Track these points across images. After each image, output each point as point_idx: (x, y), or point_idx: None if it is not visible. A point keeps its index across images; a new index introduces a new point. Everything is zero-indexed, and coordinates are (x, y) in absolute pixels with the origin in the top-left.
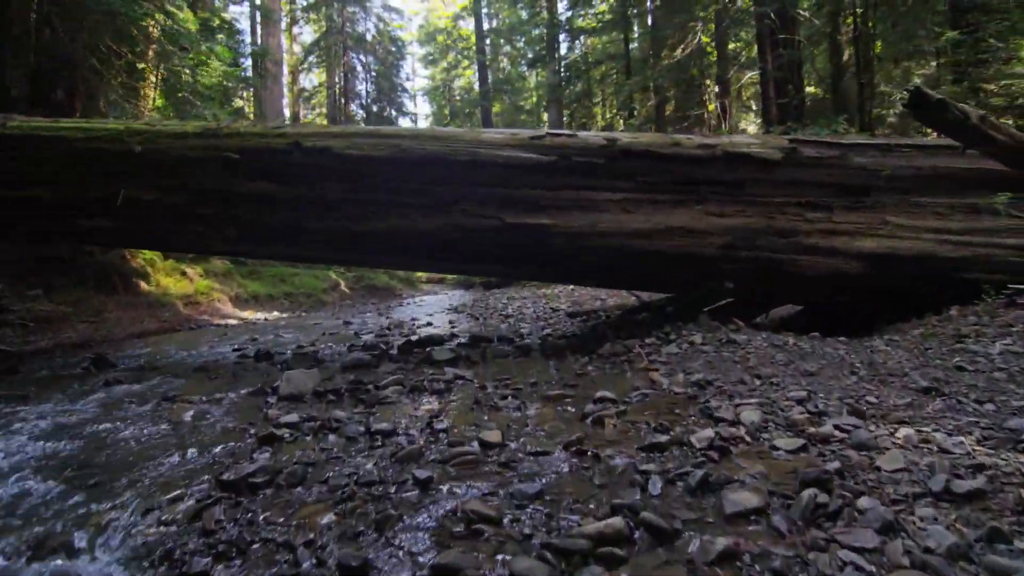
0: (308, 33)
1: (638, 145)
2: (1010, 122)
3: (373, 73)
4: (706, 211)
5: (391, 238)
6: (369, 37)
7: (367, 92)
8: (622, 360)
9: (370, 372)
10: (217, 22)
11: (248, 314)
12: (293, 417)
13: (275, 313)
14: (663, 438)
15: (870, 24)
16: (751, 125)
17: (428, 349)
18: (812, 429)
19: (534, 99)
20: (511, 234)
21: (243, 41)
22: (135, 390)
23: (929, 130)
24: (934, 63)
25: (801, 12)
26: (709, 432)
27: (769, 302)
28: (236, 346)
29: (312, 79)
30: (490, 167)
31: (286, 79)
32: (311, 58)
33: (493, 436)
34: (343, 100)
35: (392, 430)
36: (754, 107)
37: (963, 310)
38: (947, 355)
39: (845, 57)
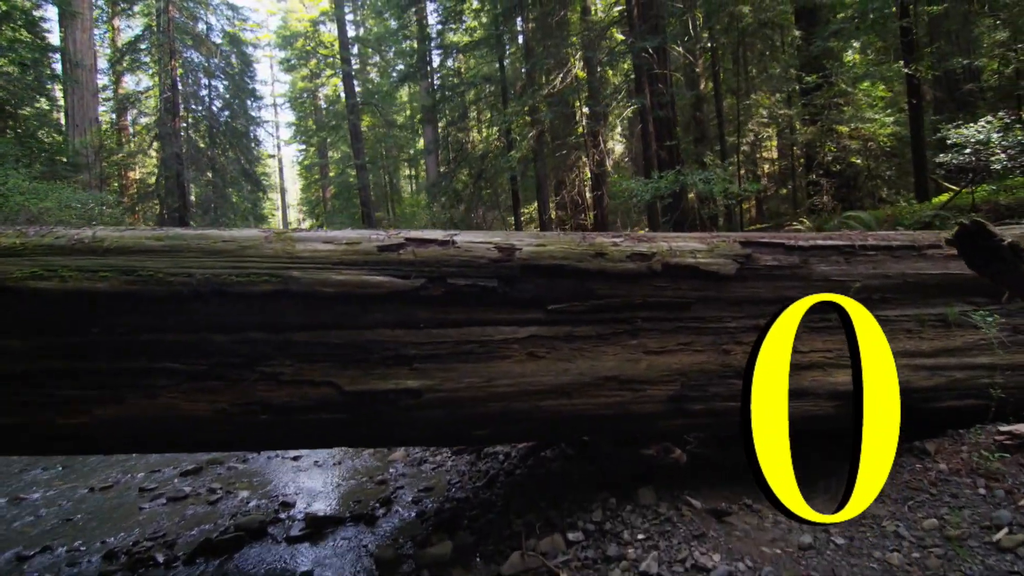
0: (137, 27)
1: (546, 258)
2: (858, 160)
3: (221, 76)
4: (644, 347)
5: (132, 431)
6: (217, 38)
7: (210, 99)
8: None
9: None
10: (3, 7)
11: None
12: None
13: None
14: None
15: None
16: (618, 144)
17: (234, 564)
18: None
19: (409, 112)
20: (357, 410)
21: (48, 32)
22: None
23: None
24: (777, 96)
25: (674, 47)
26: None
27: None
28: None
29: (145, 81)
30: (315, 300)
31: (106, 80)
32: (129, 57)
33: None
34: (173, 108)
35: None
36: (619, 129)
37: (944, 452)
38: None
39: (702, 87)
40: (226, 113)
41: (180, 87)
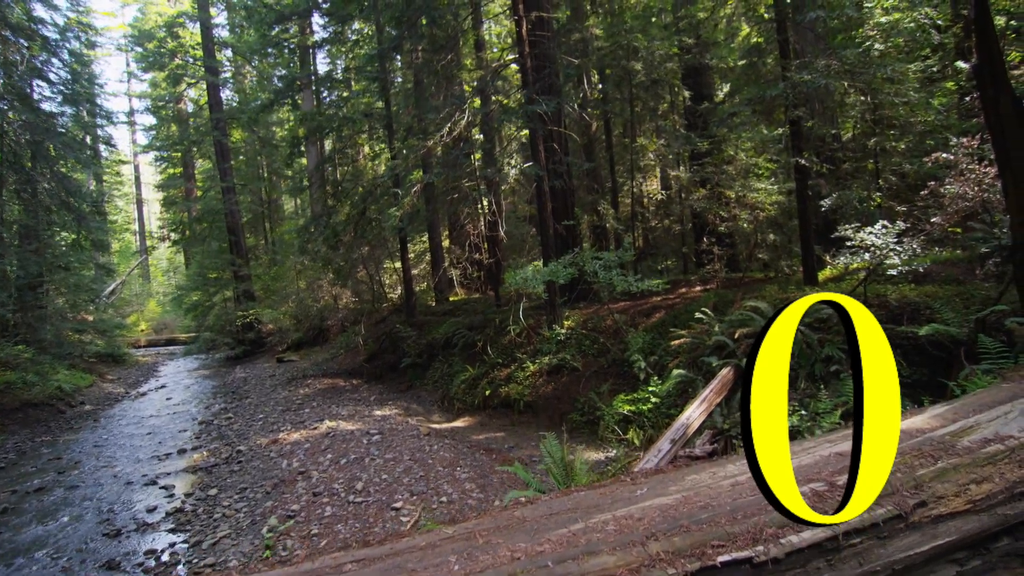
0: None
1: None
2: (746, 226)
3: (59, 72)
4: None
5: None
6: (51, 33)
7: (14, 107)
8: None
9: None
10: None
11: None
12: None
13: None
14: None
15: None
16: (514, 168)
17: None
18: None
19: (291, 125)
20: None
21: None
22: None
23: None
24: (663, 142)
25: (569, 106)
26: None
27: None
28: None
29: None
30: None
31: None
32: None
33: None
34: None
35: None
36: (512, 161)
37: None
38: None
39: (593, 128)
40: (66, 115)
41: None
